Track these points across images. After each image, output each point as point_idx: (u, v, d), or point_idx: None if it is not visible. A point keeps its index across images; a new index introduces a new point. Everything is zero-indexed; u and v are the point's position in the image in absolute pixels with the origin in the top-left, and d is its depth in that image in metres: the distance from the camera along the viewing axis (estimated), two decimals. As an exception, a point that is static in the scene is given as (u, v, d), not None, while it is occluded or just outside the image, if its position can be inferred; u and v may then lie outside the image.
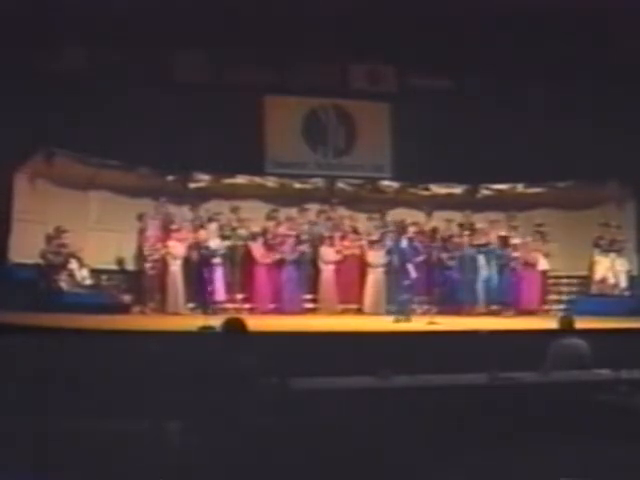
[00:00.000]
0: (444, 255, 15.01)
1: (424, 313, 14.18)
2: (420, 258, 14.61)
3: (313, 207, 15.91)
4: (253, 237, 14.77)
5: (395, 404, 6.13)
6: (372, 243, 15.12)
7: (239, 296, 14.52)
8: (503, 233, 15.34)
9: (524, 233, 15.47)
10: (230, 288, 14.45)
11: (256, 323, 9.42)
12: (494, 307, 14.93)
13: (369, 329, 11.69)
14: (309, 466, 5.48)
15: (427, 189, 16.29)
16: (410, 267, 14.50)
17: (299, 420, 5.81)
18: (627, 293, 15.12)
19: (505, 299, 15.03)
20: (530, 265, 15.17)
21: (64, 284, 13.28)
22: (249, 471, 5.40)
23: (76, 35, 13.66)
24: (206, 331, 9.32)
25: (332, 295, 14.90)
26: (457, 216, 15.88)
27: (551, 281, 15.62)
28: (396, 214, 15.90)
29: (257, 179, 15.76)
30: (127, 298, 14.02)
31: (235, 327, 6.78)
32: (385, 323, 12.81)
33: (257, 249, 14.70)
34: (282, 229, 15.11)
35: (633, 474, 5.48)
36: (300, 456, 5.52)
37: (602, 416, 6.23)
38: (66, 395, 6.56)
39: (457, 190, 16.31)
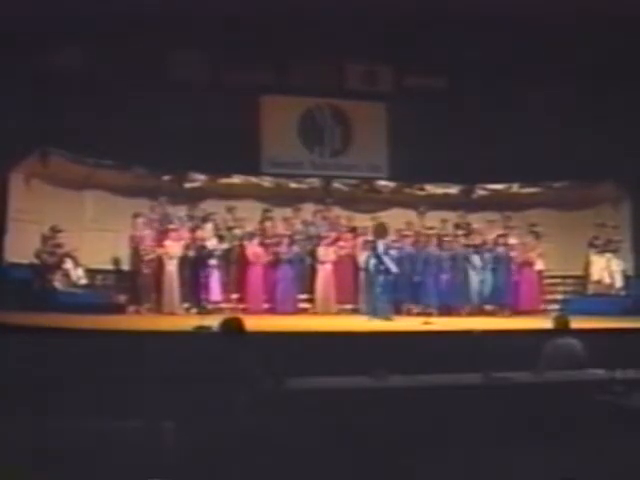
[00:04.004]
0: (440, 255, 14.98)
1: (419, 313, 14.22)
2: (416, 258, 14.66)
3: (309, 207, 15.91)
4: (249, 237, 14.76)
5: (390, 404, 6.12)
6: (368, 243, 15.08)
7: (235, 296, 14.50)
8: (499, 233, 15.33)
9: (520, 233, 15.47)
10: (226, 288, 14.44)
11: (252, 323, 9.43)
12: (490, 307, 14.91)
13: (365, 329, 11.67)
14: (306, 465, 5.47)
15: (423, 189, 16.31)
16: (406, 267, 14.58)
17: (294, 420, 5.81)
18: (623, 293, 15.11)
19: (501, 299, 15.02)
20: (526, 265, 15.17)
21: (59, 284, 13.27)
22: (246, 471, 5.40)
23: (73, 34, 13.62)
24: (201, 331, 9.32)
25: (328, 295, 14.88)
26: (453, 216, 15.90)
27: (547, 281, 15.62)
28: (392, 214, 15.92)
29: (253, 179, 15.79)
30: (122, 298, 14.00)
31: (233, 327, 6.78)
32: (380, 323, 12.78)
33: (253, 249, 14.69)
34: (278, 229, 15.13)
35: (628, 473, 5.49)
36: (296, 455, 5.52)
37: (597, 416, 6.24)
38: (61, 395, 6.55)
39: (453, 190, 16.34)
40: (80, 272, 13.62)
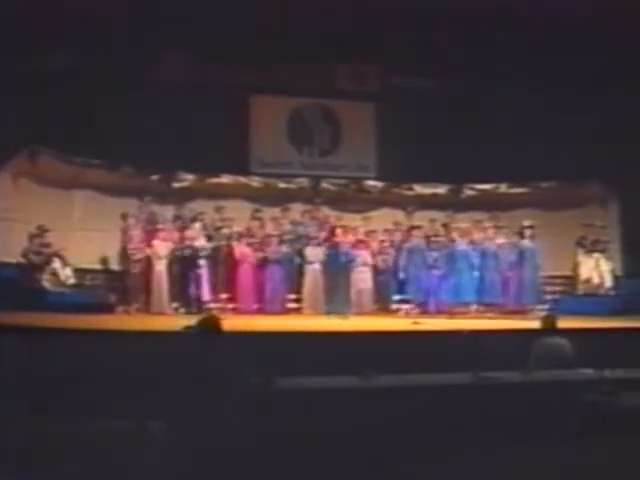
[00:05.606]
0: (428, 255, 14.96)
1: (408, 314, 14.23)
2: (403, 258, 14.68)
3: (297, 207, 15.90)
4: (237, 237, 14.73)
5: (379, 404, 6.12)
6: (356, 243, 15.09)
7: (223, 296, 14.46)
8: (487, 233, 15.33)
9: (508, 233, 15.47)
10: (214, 288, 14.39)
11: (239, 323, 9.43)
12: (479, 307, 14.91)
13: (353, 329, 11.67)
14: (294, 467, 5.47)
15: (411, 189, 16.35)
16: (394, 267, 14.61)
17: (282, 420, 5.80)
18: (611, 293, 15.13)
19: (489, 299, 15.02)
20: (514, 265, 15.17)
21: (47, 283, 13.22)
22: (234, 472, 5.39)
23: (61, 34, 13.58)
24: (190, 331, 9.27)
25: (317, 295, 14.86)
26: (441, 216, 15.90)
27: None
28: (380, 214, 15.95)
29: (242, 179, 15.80)
30: (111, 298, 13.95)
31: (209, 326, 6.74)
32: (370, 323, 12.80)
33: (241, 249, 14.66)
34: (266, 229, 15.11)
35: (618, 472, 5.51)
36: (283, 456, 5.51)
37: (586, 415, 6.25)
38: (49, 395, 6.53)
39: (441, 190, 16.38)
40: (68, 272, 13.57)
